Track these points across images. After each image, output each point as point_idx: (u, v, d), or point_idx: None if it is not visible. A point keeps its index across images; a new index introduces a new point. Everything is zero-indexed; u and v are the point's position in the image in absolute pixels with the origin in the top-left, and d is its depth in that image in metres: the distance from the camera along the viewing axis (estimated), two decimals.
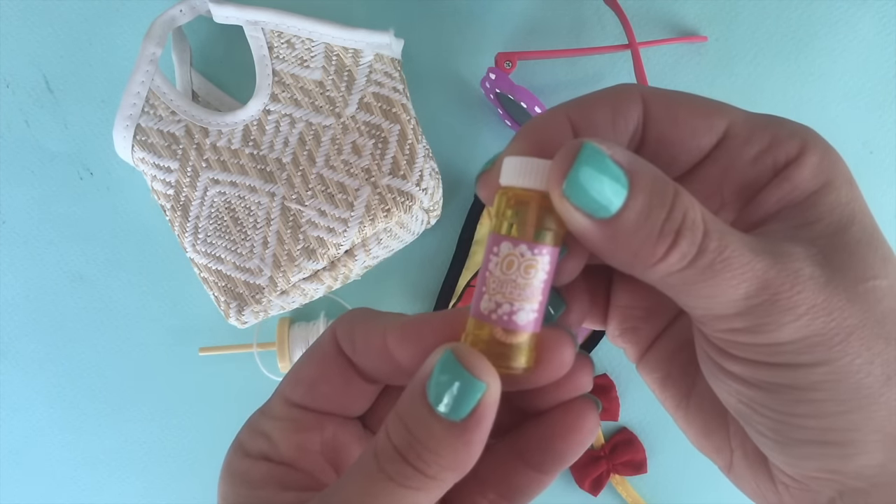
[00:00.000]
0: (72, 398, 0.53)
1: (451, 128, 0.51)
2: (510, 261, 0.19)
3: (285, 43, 0.45)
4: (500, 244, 0.19)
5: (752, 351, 0.19)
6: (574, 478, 0.51)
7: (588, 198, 0.17)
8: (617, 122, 0.21)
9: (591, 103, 0.21)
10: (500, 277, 0.19)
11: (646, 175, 0.18)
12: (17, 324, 0.53)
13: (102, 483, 0.53)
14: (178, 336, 0.52)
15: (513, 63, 0.46)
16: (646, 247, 0.18)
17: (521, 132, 0.21)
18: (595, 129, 0.21)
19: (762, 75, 0.50)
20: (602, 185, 0.17)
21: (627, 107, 0.21)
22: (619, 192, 0.17)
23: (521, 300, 0.19)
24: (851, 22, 0.50)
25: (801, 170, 0.20)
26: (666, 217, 0.17)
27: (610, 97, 0.21)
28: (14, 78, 0.51)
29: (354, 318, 0.22)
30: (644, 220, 0.17)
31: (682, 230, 0.17)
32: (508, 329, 0.19)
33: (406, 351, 0.21)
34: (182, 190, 0.45)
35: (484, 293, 0.19)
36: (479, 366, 0.18)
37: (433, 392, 0.18)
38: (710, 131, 0.20)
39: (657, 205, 0.17)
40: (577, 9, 0.51)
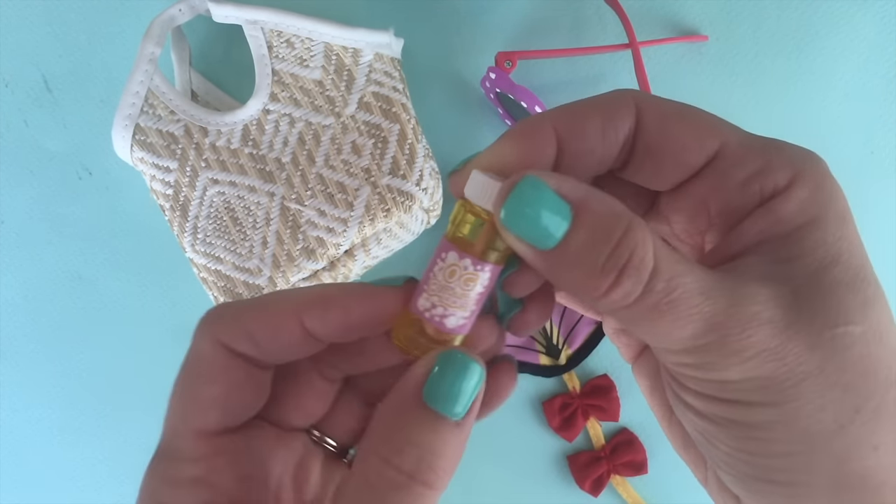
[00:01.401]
0: (71, 398, 0.53)
1: (451, 128, 0.51)
2: (453, 270, 0.20)
3: (285, 42, 0.44)
4: (448, 252, 0.20)
5: (703, 385, 0.19)
6: (574, 478, 0.51)
7: (525, 228, 0.18)
8: (607, 132, 0.20)
9: (582, 111, 0.21)
10: (441, 283, 0.20)
11: (593, 210, 0.18)
12: (17, 324, 0.53)
13: (102, 483, 0.53)
14: (177, 336, 0.52)
15: (513, 62, 0.46)
16: (588, 280, 0.18)
17: (502, 138, 0.21)
18: (583, 138, 0.20)
19: (762, 75, 0.50)
20: (540, 217, 0.17)
21: (619, 115, 0.20)
22: (561, 224, 0.18)
23: (454, 307, 0.20)
24: (852, 22, 0.50)
25: (786, 203, 0.19)
26: (610, 253, 0.17)
27: (603, 105, 0.21)
28: (13, 78, 0.51)
29: (236, 316, 0.21)
30: (585, 254, 0.18)
31: (627, 268, 0.17)
32: (438, 329, 0.20)
33: (328, 324, 0.20)
34: (181, 190, 0.45)
35: (424, 291, 0.20)
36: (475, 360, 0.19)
37: (435, 396, 0.18)
38: (701, 150, 0.20)
39: (601, 240, 0.18)
40: (578, 8, 0.51)
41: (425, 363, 0.19)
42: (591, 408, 0.51)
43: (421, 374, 0.19)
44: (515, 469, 0.52)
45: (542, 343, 0.51)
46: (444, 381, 0.19)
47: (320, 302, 0.20)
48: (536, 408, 0.52)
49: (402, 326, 0.21)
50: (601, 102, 0.21)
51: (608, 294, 0.18)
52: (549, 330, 0.51)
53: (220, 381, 0.20)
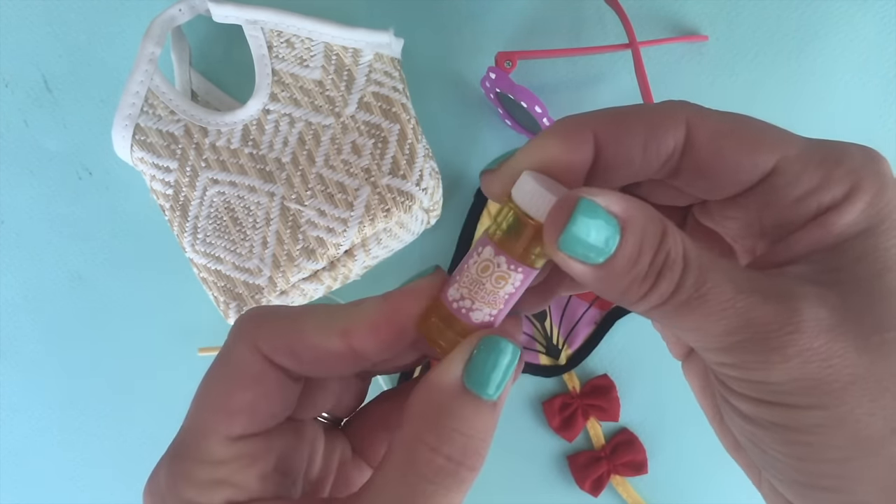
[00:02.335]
0: (71, 398, 0.53)
1: (451, 128, 0.51)
2: (486, 265, 0.20)
3: (285, 42, 0.44)
4: (485, 247, 0.20)
5: (745, 386, 0.19)
6: (574, 478, 0.51)
7: (581, 250, 0.18)
8: (649, 146, 0.20)
9: (626, 121, 0.20)
10: (474, 276, 0.20)
11: (638, 220, 0.18)
12: (17, 324, 0.53)
13: (102, 483, 0.53)
14: (177, 336, 0.52)
15: (513, 62, 0.46)
16: (632, 287, 0.18)
17: (542, 138, 0.20)
18: (622, 151, 0.20)
19: (763, 75, 0.50)
20: (595, 236, 0.18)
21: (666, 131, 0.20)
22: (612, 239, 0.18)
23: (482, 302, 0.20)
24: (852, 22, 0.50)
25: (842, 217, 0.19)
26: (652, 259, 0.18)
27: (650, 117, 0.20)
28: (13, 77, 0.51)
29: (281, 329, 0.21)
30: (633, 264, 0.18)
31: (664, 270, 0.18)
32: (462, 322, 0.20)
33: (379, 344, 0.20)
34: (181, 190, 0.45)
35: (456, 281, 0.20)
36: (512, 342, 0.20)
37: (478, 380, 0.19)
38: (756, 169, 0.20)
39: (646, 249, 0.18)
40: (578, 8, 0.51)
41: (464, 350, 0.20)
42: (591, 408, 0.51)
43: (461, 362, 0.20)
44: (515, 469, 0.52)
45: (542, 343, 0.51)
46: (486, 365, 0.19)
47: (369, 324, 0.20)
48: (536, 408, 0.52)
49: (431, 314, 0.21)
50: (649, 114, 0.20)
51: (647, 296, 0.18)
52: (549, 330, 0.51)
53: (252, 389, 0.20)
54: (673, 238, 0.18)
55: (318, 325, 0.20)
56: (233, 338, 0.21)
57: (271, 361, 0.21)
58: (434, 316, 0.21)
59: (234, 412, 0.20)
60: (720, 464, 0.51)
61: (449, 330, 0.20)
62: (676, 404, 0.51)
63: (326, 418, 0.25)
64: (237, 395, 0.20)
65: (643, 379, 0.51)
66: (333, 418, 0.26)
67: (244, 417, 0.20)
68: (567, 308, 0.51)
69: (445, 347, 0.21)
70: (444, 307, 0.20)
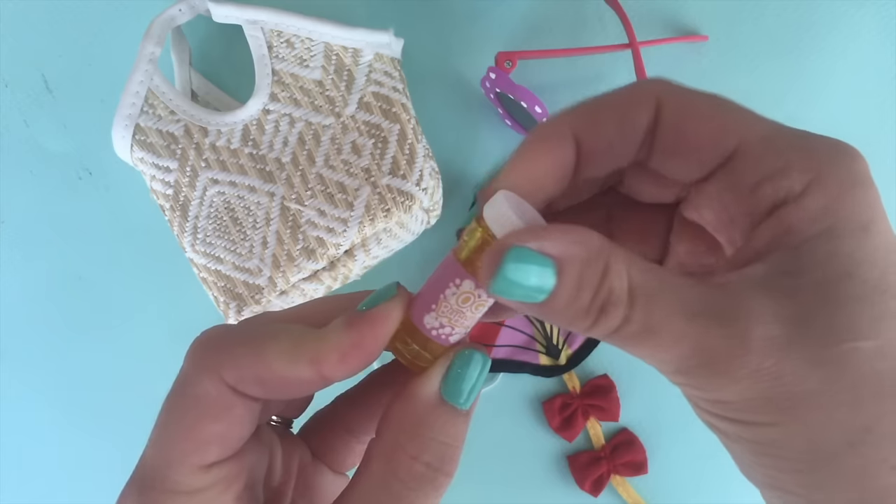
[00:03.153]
0: (71, 398, 0.53)
1: (451, 128, 0.51)
2: (467, 297, 0.21)
3: (285, 42, 0.44)
4: (463, 280, 0.20)
5: (707, 405, 0.19)
6: (574, 479, 0.51)
7: (514, 294, 0.18)
8: (625, 128, 0.20)
9: (598, 109, 0.20)
10: (454, 307, 0.21)
11: (574, 259, 0.18)
12: (17, 324, 0.53)
13: (102, 483, 0.53)
14: (177, 336, 0.52)
15: (513, 62, 0.46)
16: (576, 320, 0.19)
17: (521, 149, 0.21)
18: (600, 138, 0.20)
19: (762, 75, 0.50)
20: (528, 281, 0.18)
21: (637, 110, 0.20)
22: (546, 283, 0.18)
23: (461, 327, 0.21)
24: (852, 22, 0.50)
25: (798, 211, 0.18)
26: (593, 296, 0.18)
27: (620, 102, 0.20)
28: (13, 78, 0.51)
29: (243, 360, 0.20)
30: (572, 301, 0.18)
31: (607, 306, 0.18)
32: (441, 344, 0.21)
33: (348, 369, 0.20)
34: (181, 190, 0.45)
35: (433, 310, 0.21)
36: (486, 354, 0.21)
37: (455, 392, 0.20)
38: (716, 149, 0.19)
39: (585, 286, 0.18)
40: (578, 8, 0.51)
41: (441, 365, 0.21)
42: (591, 408, 0.51)
43: (438, 376, 0.21)
44: (515, 469, 0.52)
45: (542, 343, 0.51)
46: (462, 378, 0.20)
47: (339, 353, 0.20)
48: (536, 408, 0.52)
49: (403, 338, 0.21)
50: (620, 97, 0.20)
51: (594, 327, 0.19)
52: (549, 330, 0.51)
53: (222, 419, 0.20)
54: (616, 273, 0.18)
55: (284, 354, 0.20)
56: (193, 368, 0.21)
57: (237, 391, 0.20)
58: (408, 339, 0.21)
59: (205, 443, 0.20)
60: (720, 464, 0.51)
61: (422, 350, 0.21)
62: (676, 404, 0.51)
63: (278, 421, 0.25)
64: (208, 427, 0.20)
65: (643, 379, 0.51)
66: (284, 420, 0.26)
67: (216, 446, 0.20)
68: None
69: (421, 367, 0.21)
70: (419, 333, 0.21)
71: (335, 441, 0.26)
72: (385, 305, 0.21)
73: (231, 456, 0.21)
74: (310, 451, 0.26)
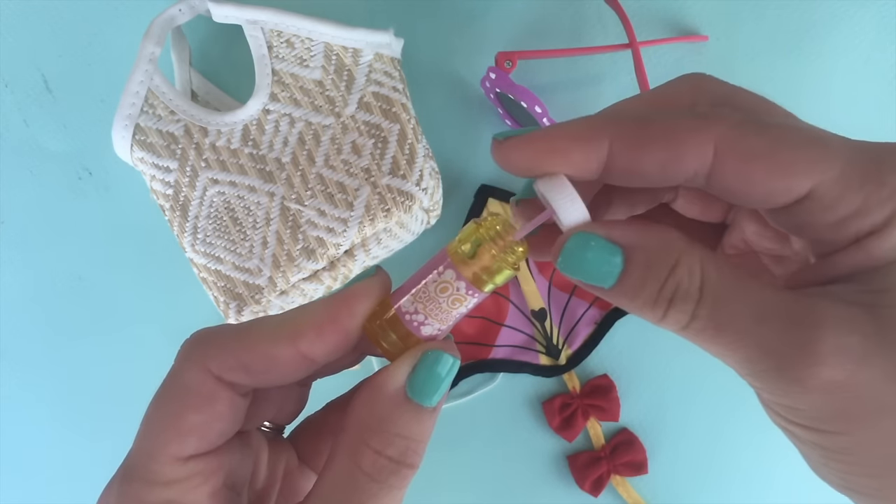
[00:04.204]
0: (71, 398, 0.53)
1: (451, 128, 0.51)
2: (445, 287, 0.21)
3: (285, 42, 0.44)
4: (447, 269, 0.21)
5: (778, 408, 0.19)
6: (574, 479, 0.51)
7: (581, 273, 0.19)
8: (668, 168, 0.19)
9: (647, 136, 0.19)
10: (430, 294, 0.21)
11: (642, 252, 0.18)
12: (17, 324, 0.53)
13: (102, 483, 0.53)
14: (177, 336, 0.52)
15: (513, 62, 0.46)
16: (645, 311, 0.19)
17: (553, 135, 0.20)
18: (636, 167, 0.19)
19: (762, 75, 0.50)
20: (593, 266, 0.19)
21: (689, 155, 0.19)
22: (615, 268, 0.19)
23: (434, 318, 0.21)
24: (852, 22, 0.50)
25: (882, 242, 0.18)
26: (660, 288, 0.18)
27: (674, 135, 0.19)
28: (13, 77, 0.51)
29: (229, 346, 0.21)
30: (638, 290, 0.19)
31: (674, 300, 0.18)
32: (412, 332, 0.21)
33: (326, 346, 0.21)
34: (181, 190, 0.45)
35: (410, 293, 0.21)
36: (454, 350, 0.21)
37: (421, 391, 0.20)
38: (789, 193, 0.19)
39: (652, 278, 0.18)
40: (578, 8, 0.51)
41: (407, 362, 0.21)
42: (591, 408, 0.51)
43: (404, 373, 0.21)
44: (515, 469, 0.52)
45: (542, 343, 0.51)
46: (429, 378, 0.20)
47: (315, 327, 0.21)
48: (536, 408, 0.52)
49: (378, 319, 0.21)
50: (674, 130, 0.19)
51: (663, 321, 0.19)
52: (549, 330, 0.51)
53: (204, 411, 0.21)
54: (687, 268, 0.18)
55: (265, 335, 0.21)
56: (181, 361, 0.21)
57: (221, 381, 0.21)
58: (381, 320, 0.21)
59: (185, 433, 0.20)
60: (720, 464, 0.51)
61: (393, 334, 0.21)
62: (676, 404, 0.51)
63: (269, 427, 0.26)
64: (189, 417, 0.21)
65: (643, 379, 0.51)
66: (276, 426, 0.26)
67: (195, 438, 0.21)
68: (567, 308, 0.51)
69: (389, 350, 0.21)
70: (393, 314, 0.21)
71: (321, 445, 0.26)
72: (362, 283, 0.21)
73: (210, 451, 0.21)
74: (297, 455, 0.26)
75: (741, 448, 0.51)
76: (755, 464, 0.51)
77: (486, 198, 0.50)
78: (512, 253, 0.21)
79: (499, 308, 0.51)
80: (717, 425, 0.51)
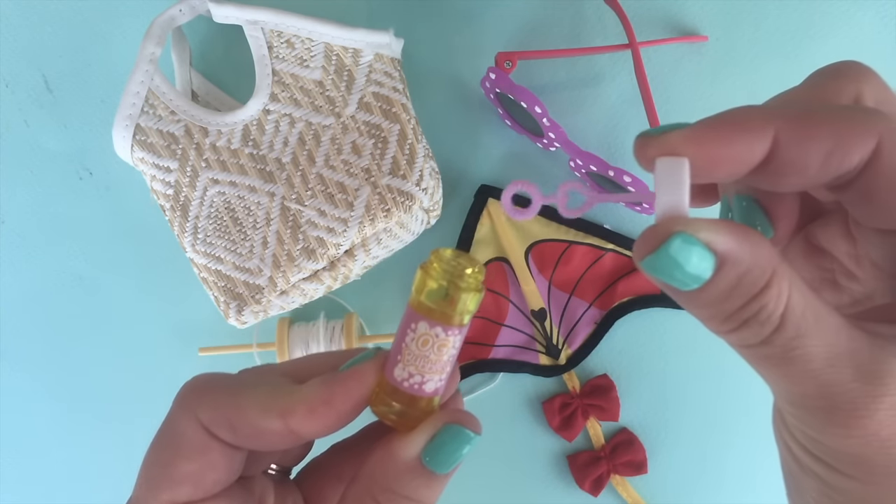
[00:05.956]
0: (71, 398, 0.53)
1: (451, 128, 0.51)
2: (425, 339, 0.21)
3: (285, 42, 0.44)
4: (417, 323, 0.21)
5: (800, 434, 0.19)
6: (574, 478, 0.51)
7: (669, 276, 0.17)
8: (831, 158, 0.18)
9: (814, 124, 0.18)
10: (415, 352, 0.21)
11: (738, 261, 0.17)
12: (17, 324, 0.53)
13: (102, 484, 0.53)
14: (177, 336, 0.52)
15: (513, 63, 0.46)
16: (713, 322, 0.18)
17: (717, 125, 0.18)
18: (801, 157, 0.18)
19: (762, 75, 0.50)
20: (683, 272, 0.17)
21: (854, 144, 0.18)
22: (702, 275, 0.17)
23: (431, 373, 0.21)
24: (852, 22, 0.50)
25: None
26: (742, 306, 0.17)
27: (842, 124, 0.18)
28: (13, 77, 0.51)
29: (220, 402, 0.21)
30: (720, 302, 0.18)
31: (752, 320, 0.17)
32: (416, 395, 0.21)
33: (317, 426, 0.21)
34: (181, 190, 0.45)
35: (399, 361, 0.21)
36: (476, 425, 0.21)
37: (438, 461, 0.20)
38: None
39: (738, 295, 0.17)
40: (578, 8, 0.51)
41: (427, 431, 0.21)
42: (591, 408, 0.51)
43: (422, 441, 0.21)
44: (515, 469, 0.52)
45: (542, 343, 0.51)
46: (448, 451, 0.20)
47: (307, 407, 0.21)
48: (536, 408, 0.52)
49: (383, 398, 0.21)
50: (841, 120, 0.18)
51: (730, 335, 0.18)
52: (549, 330, 0.51)
53: (196, 460, 0.21)
54: (776, 292, 0.17)
55: (257, 404, 0.21)
56: (176, 407, 0.21)
57: (213, 434, 0.21)
58: (391, 401, 0.21)
59: (177, 482, 0.21)
60: (720, 464, 0.51)
61: (398, 404, 0.21)
62: (676, 404, 0.51)
63: (275, 469, 0.26)
64: (181, 466, 0.21)
65: (643, 379, 0.51)
66: (282, 468, 0.26)
67: (189, 486, 0.21)
68: (567, 308, 0.51)
69: (400, 422, 0.21)
70: (392, 387, 0.21)
71: (326, 489, 0.26)
72: (359, 366, 0.21)
73: (207, 498, 0.21)
74: (303, 497, 0.26)
75: (741, 448, 0.51)
76: (755, 464, 0.51)
77: (486, 198, 0.50)
78: (466, 278, 0.21)
79: (499, 308, 0.51)
80: (717, 425, 0.51)
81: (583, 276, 0.51)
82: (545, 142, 0.48)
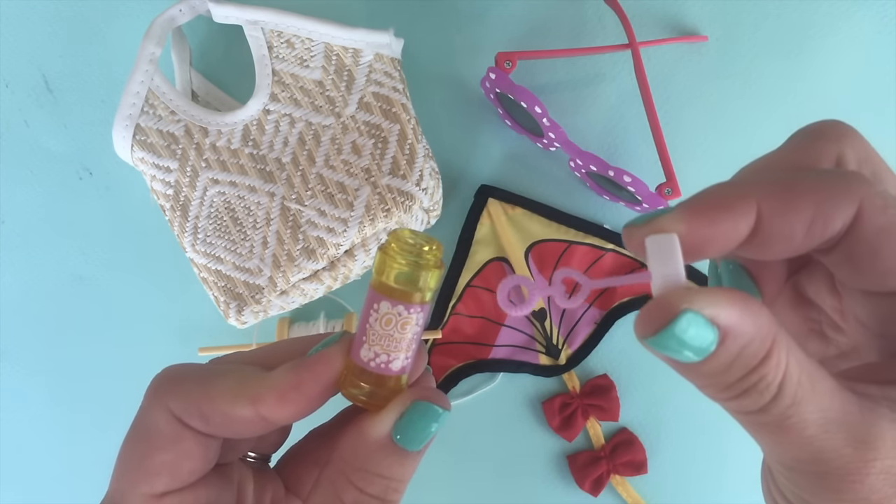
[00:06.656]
0: (72, 398, 0.53)
1: (451, 128, 0.51)
2: (388, 318, 0.21)
3: (285, 42, 0.44)
4: (379, 302, 0.21)
5: (787, 489, 0.19)
6: (574, 478, 0.51)
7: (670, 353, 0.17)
8: (814, 225, 0.18)
9: (795, 194, 0.18)
10: (380, 332, 0.21)
11: (737, 338, 0.17)
12: (17, 324, 0.53)
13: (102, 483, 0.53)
14: (177, 336, 0.52)
15: (513, 63, 0.46)
16: (712, 391, 0.18)
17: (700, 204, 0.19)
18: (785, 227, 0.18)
19: (762, 75, 0.50)
20: (687, 348, 0.17)
21: (836, 210, 0.18)
22: (705, 350, 0.17)
23: (396, 351, 0.21)
24: (852, 21, 0.50)
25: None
26: (741, 377, 0.17)
27: (822, 192, 0.18)
28: (13, 78, 0.51)
29: (190, 392, 0.21)
30: (721, 374, 0.18)
31: (751, 390, 0.17)
32: (384, 374, 0.21)
33: (286, 411, 0.21)
34: (181, 190, 0.45)
35: (364, 342, 0.21)
36: (445, 401, 0.21)
37: (409, 438, 0.21)
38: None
39: (739, 366, 0.17)
40: (578, 8, 0.51)
41: (396, 409, 0.21)
42: (591, 407, 0.51)
43: (391, 419, 0.21)
44: (515, 469, 0.52)
45: (542, 343, 0.51)
46: (417, 427, 0.21)
47: (277, 393, 0.21)
48: (536, 408, 0.52)
49: (352, 380, 0.22)
50: (821, 188, 0.18)
51: (728, 402, 0.18)
52: (549, 330, 0.51)
53: (170, 450, 0.21)
54: (776, 362, 0.17)
55: (227, 392, 0.21)
56: (148, 399, 0.22)
57: (185, 424, 0.21)
58: (360, 382, 0.22)
59: (153, 473, 0.21)
60: (720, 464, 0.51)
61: (367, 385, 0.21)
62: (676, 404, 0.51)
63: (254, 457, 0.26)
64: (156, 457, 0.21)
65: (643, 379, 0.51)
66: (261, 456, 0.26)
67: (165, 476, 0.21)
68: (567, 308, 0.51)
69: (370, 402, 0.22)
70: (359, 368, 0.21)
71: (305, 474, 0.26)
72: (326, 350, 0.22)
73: (184, 487, 0.21)
74: (284, 484, 0.26)
75: (741, 448, 0.51)
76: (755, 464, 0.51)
77: (486, 198, 0.50)
78: (424, 255, 0.21)
79: (499, 308, 0.51)
80: (717, 425, 0.51)
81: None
82: (545, 142, 0.48)
